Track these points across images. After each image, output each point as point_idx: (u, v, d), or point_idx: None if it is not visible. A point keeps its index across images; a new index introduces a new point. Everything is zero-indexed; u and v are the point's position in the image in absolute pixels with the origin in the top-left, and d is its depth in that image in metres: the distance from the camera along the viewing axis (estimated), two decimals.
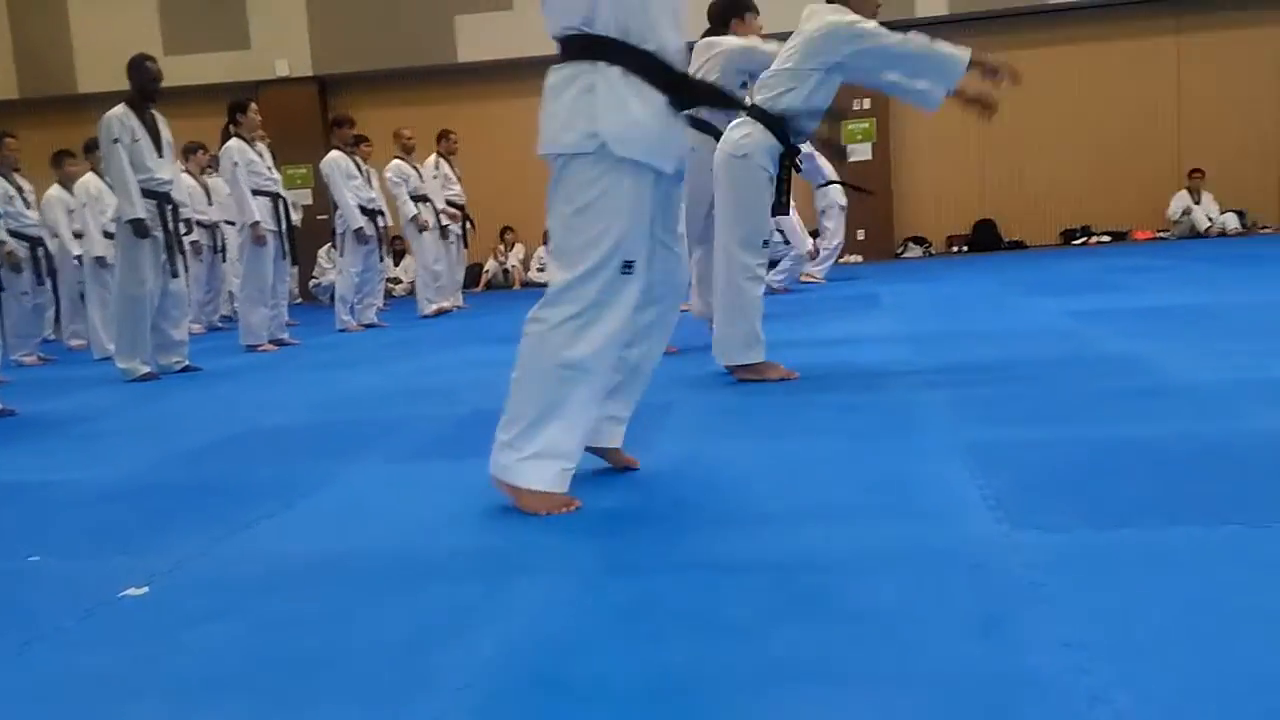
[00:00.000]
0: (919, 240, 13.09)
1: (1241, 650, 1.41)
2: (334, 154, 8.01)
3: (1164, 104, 12.53)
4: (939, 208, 13.27)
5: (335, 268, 9.41)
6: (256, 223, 6.96)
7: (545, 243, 13.17)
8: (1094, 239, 12.44)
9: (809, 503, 2.30)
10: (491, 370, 3.92)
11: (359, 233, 7.90)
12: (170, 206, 5.70)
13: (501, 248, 13.14)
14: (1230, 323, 4.62)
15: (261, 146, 7.27)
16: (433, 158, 9.21)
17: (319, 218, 11.56)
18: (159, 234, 5.60)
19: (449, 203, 9.24)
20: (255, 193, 7.02)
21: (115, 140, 5.47)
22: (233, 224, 7.93)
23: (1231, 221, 11.98)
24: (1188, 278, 7.20)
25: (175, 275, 5.72)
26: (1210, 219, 11.94)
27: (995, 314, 5.83)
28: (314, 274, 12.28)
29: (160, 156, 5.65)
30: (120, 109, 5.57)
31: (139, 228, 5.47)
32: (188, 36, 12.39)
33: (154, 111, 5.69)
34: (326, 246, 11.35)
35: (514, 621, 1.72)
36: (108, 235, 7.45)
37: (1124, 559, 1.79)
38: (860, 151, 12.81)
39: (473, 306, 9.88)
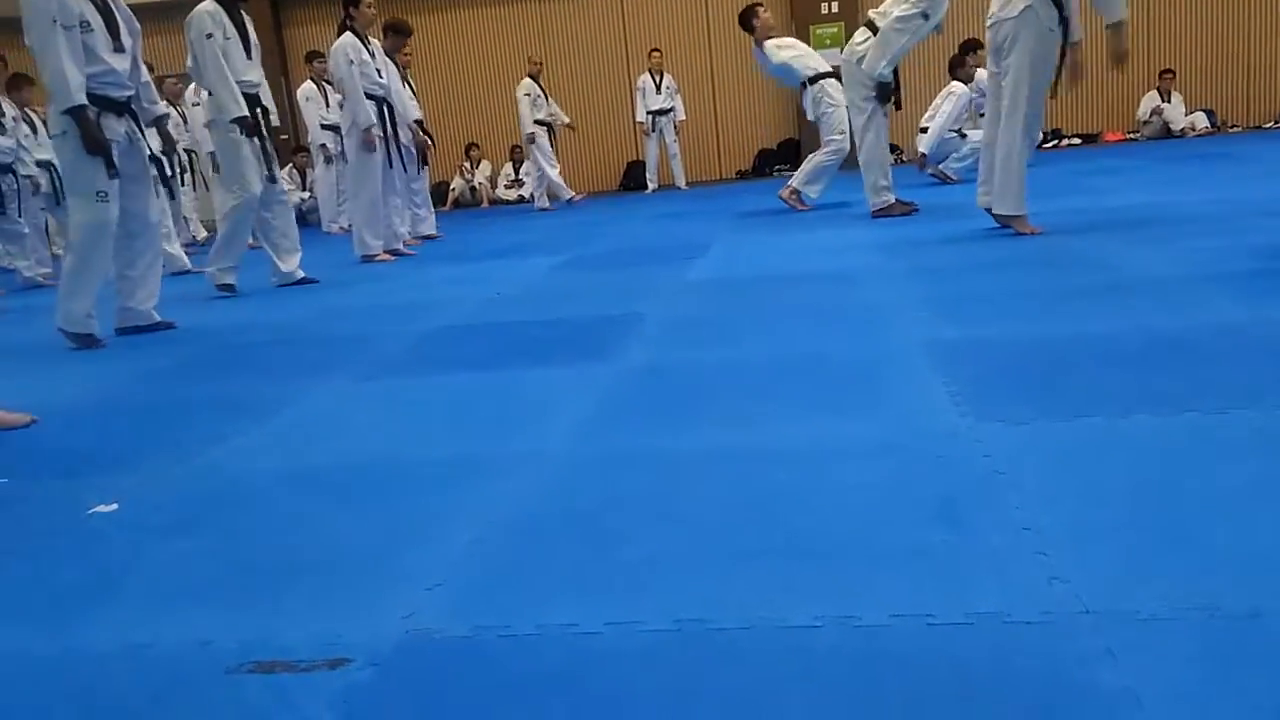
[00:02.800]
0: (892, 147, 12.98)
1: (1193, 530, 1.45)
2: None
3: (1133, 4, 12.39)
4: (910, 113, 13.15)
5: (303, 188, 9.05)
6: (369, 126, 6.47)
7: (512, 158, 13.03)
8: (1065, 142, 12.40)
9: (778, 402, 2.32)
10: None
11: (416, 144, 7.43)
12: (262, 110, 5.29)
13: (467, 165, 12.95)
14: (1194, 220, 4.65)
15: (375, 44, 6.73)
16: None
17: (282, 137, 11.30)
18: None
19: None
20: (367, 95, 6.52)
21: (209, 35, 5.02)
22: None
23: (1201, 121, 11.97)
24: (1156, 178, 7.21)
25: (274, 181, 5.33)
26: (1182, 119, 11.93)
27: (962, 219, 5.83)
28: None
29: (249, 59, 5.23)
30: (210, 4, 5.11)
31: (245, 124, 5.07)
32: None
33: (243, 11, 5.25)
34: (289, 167, 11.12)
35: (482, 521, 1.73)
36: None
37: (1082, 447, 1.82)
38: (830, 58, 12.57)
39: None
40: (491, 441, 2.24)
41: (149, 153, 4.27)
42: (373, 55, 6.69)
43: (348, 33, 6.56)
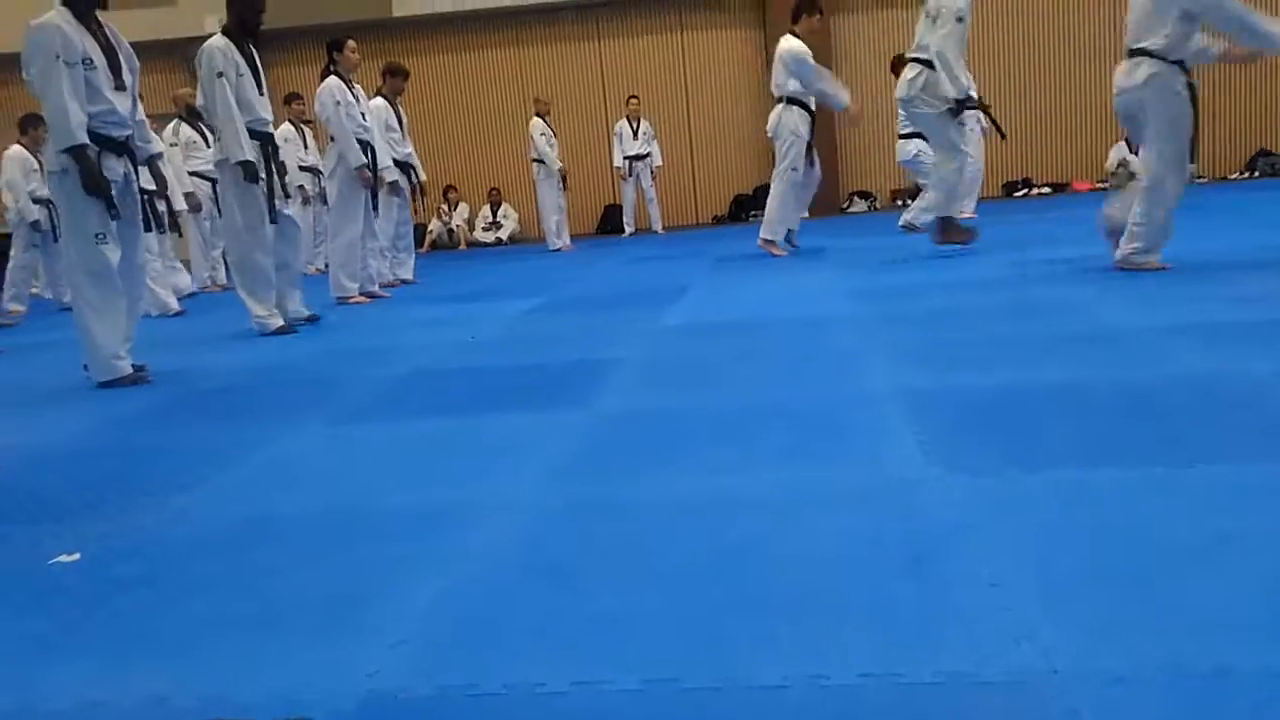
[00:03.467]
0: (863, 194, 13.16)
1: (1160, 586, 1.45)
2: (377, 101, 7.38)
3: (1100, 57, 12.67)
4: (884, 161, 13.33)
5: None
6: (361, 166, 6.48)
7: (489, 200, 13.08)
8: (1035, 190, 12.60)
9: (751, 450, 2.32)
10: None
11: (394, 185, 7.32)
12: (273, 148, 5.24)
13: (445, 207, 12.99)
14: (1162, 271, 4.71)
15: (359, 89, 6.77)
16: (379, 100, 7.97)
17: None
18: (264, 177, 5.11)
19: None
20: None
21: (219, 74, 4.95)
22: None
23: None
24: None
25: (274, 221, 5.19)
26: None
27: (936, 266, 5.89)
28: None
29: (261, 94, 5.17)
30: (221, 40, 5.04)
31: (249, 170, 4.98)
32: None
33: (252, 46, 5.16)
34: None
35: (449, 574, 1.72)
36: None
37: (1048, 500, 1.83)
38: None
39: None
40: (461, 489, 2.23)
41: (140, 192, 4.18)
42: (356, 99, 6.73)
43: (332, 76, 6.60)
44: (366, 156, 6.75)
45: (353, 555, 1.86)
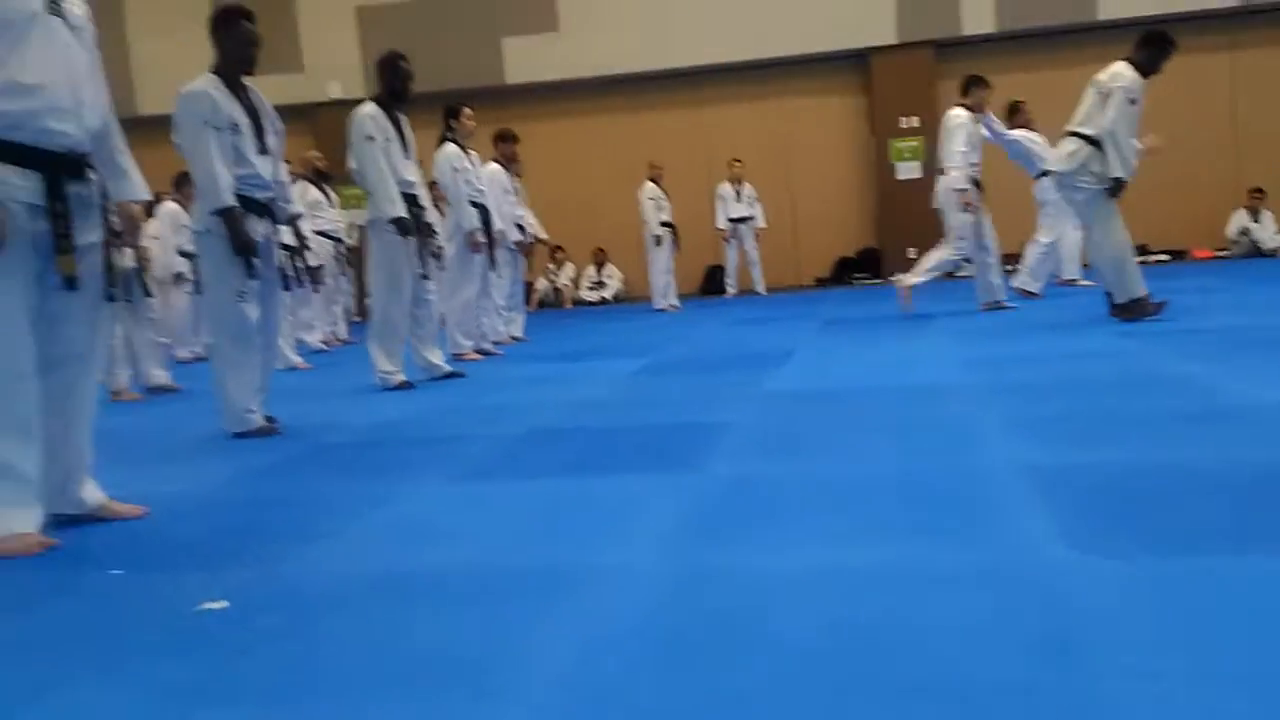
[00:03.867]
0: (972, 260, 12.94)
1: None
2: (492, 166, 7.69)
3: (1219, 121, 12.35)
4: (995, 224, 13.16)
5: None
6: (474, 230, 6.75)
7: (595, 261, 13.32)
8: (1153, 258, 12.25)
9: (870, 521, 2.31)
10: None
11: (519, 244, 7.62)
12: (419, 209, 5.49)
13: (552, 266, 13.27)
14: None
15: (474, 154, 7.05)
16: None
17: None
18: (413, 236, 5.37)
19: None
20: (470, 202, 6.82)
21: (369, 137, 5.25)
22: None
23: None
24: (1248, 299, 7.07)
25: (426, 278, 5.50)
26: (1272, 239, 11.72)
27: (1052, 335, 5.78)
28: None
29: (406, 158, 5.45)
30: (371, 107, 5.35)
31: (403, 225, 5.23)
32: None
33: (399, 113, 5.46)
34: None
35: (572, 640, 1.74)
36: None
37: (1195, 587, 1.77)
38: (909, 169, 12.77)
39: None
40: (580, 552, 2.26)
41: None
42: (472, 164, 6.99)
43: (449, 144, 6.88)
44: (481, 220, 6.98)
45: (479, 615, 1.90)
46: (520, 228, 8.00)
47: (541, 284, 13.20)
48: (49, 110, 2.54)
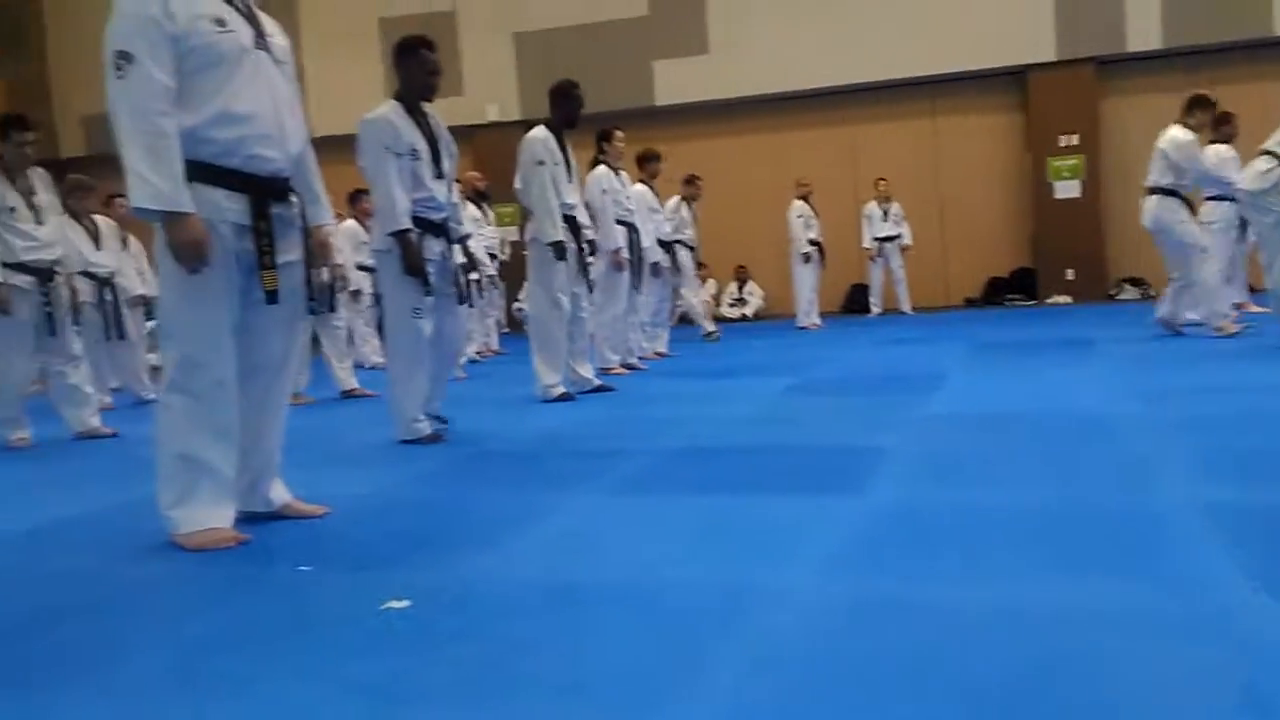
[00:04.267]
0: (1135, 281, 12.38)
1: None
2: (639, 187, 7.89)
3: None
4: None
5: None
6: (619, 249, 6.95)
7: (736, 278, 13.34)
8: None
9: (1044, 556, 2.24)
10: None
11: (655, 265, 7.77)
12: (578, 230, 5.74)
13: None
14: None
15: (625, 175, 7.28)
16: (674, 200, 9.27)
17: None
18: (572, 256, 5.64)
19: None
20: (617, 221, 6.99)
21: (540, 162, 5.47)
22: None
23: None
24: None
25: (579, 295, 5.74)
26: None
27: (1228, 365, 5.46)
28: (518, 298, 12.71)
29: (570, 181, 5.68)
30: (542, 131, 5.54)
31: (559, 250, 5.45)
32: None
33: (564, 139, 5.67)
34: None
35: (742, 661, 1.76)
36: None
37: None
38: (1068, 189, 12.31)
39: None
40: (744, 572, 2.27)
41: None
42: (621, 185, 7.16)
43: (601, 165, 7.08)
44: (632, 238, 7.15)
45: (649, 628, 1.94)
46: (672, 247, 8.12)
47: (703, 294, 13.29)
48: (257, 138, 2.74)
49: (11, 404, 5.19)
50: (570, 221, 5.64)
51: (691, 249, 9.39)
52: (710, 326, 9.46)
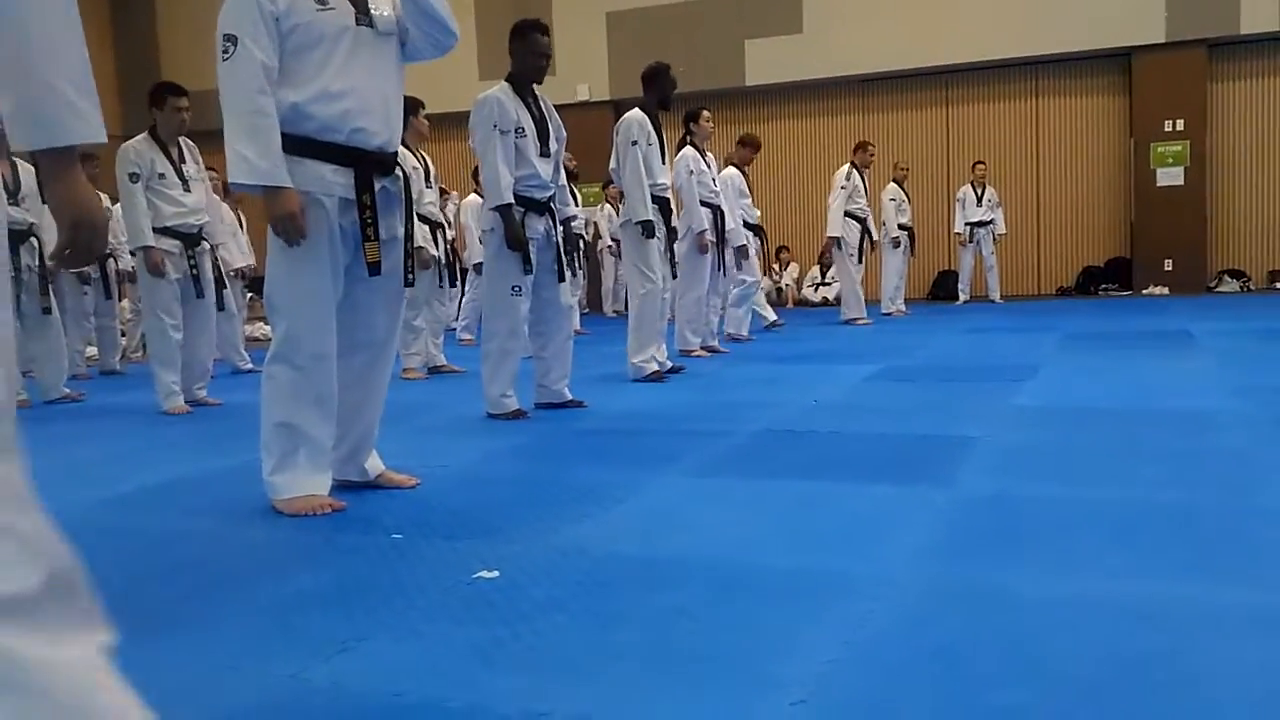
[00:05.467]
0: (1235, 273, 11.95)
1: None
2: (730, 170, 7.95)
3: None
4: (1262, 237, 12.07)
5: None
6: (703, 231, 6.96)
7: (819, 261, 13.20)
8: None
9: (1143, 552, 2.20)
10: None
11: (741, 249, 7.75)
12: (669, 210, 5.83)
13: (776, 267, 13.25)
14: None
15: (711, 157, 7.27)
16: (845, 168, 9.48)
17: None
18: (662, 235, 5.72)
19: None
20: (701, 202, 6.96)
21: (634, 142, 5.55)
22: None
23: None
24: None
25: (674, 276, 5.87)
26: None
27: None
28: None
29: (663, 163, 5.76)
30: (638, 113, 5.64)
31: (648, 228, 5.53)
32: (503, 64, 13.37)
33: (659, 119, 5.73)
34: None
35: (838, 641, 1.76)
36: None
37: None
38: (1171, 175, 11.89)
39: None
40: (835, 557, 2.28)
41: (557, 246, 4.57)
42: (709, 166, 7.11)
43: (688, 147, 7.05)
44: (717, 221, 7.10)
45: (741, 609, 1.96)
46: (761, 230, 8.09)
47: (766, 283, 13.19)
48: (360, 113, 2.81)
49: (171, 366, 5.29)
50: (662, 203, 5.71)
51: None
52: (772, 315, 9.32)
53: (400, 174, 2.98)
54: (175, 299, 5.30)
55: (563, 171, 4.60)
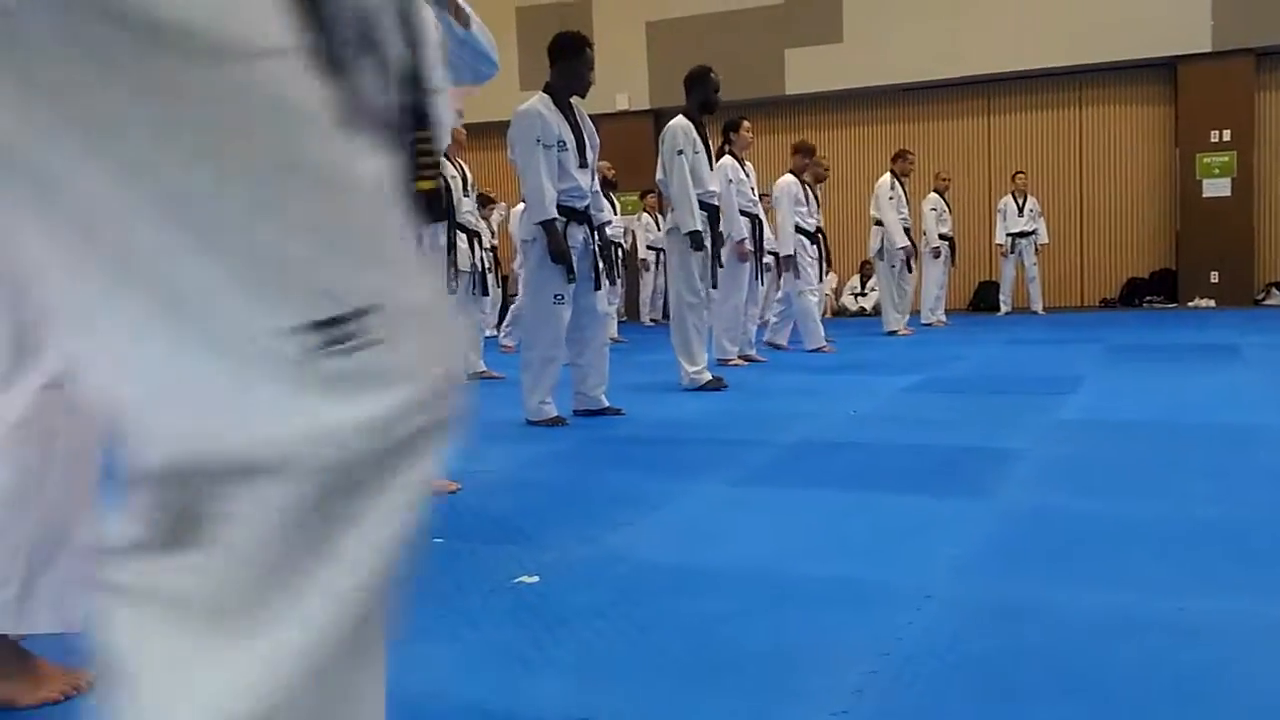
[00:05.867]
0: None
1: None
2: (786, 178, 7.94)
3: None
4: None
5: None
6: (743, 240, 6.95)
7: (860, 271, 13.13)
8: None
9: (1191, 570, 2.17)
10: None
11: (789, 259, 7.75)
12: (716, 219, 5.78)
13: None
14: None
15: (750, 166, 7.28)
16: (886, 177, 9.36)
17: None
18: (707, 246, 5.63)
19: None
20: (740, 212, 6.93)
21: (679, 151, 5.51)
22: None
23: None
24: None
25: (714, 286, 5.78)
26: None
27: None
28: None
29: (710, 170, 5.73)
30: (682, 120, 5.59)
31: (697, 240, 5.48)
32: (543, 72, 13.46)
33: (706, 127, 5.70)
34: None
35: (877, 654, 1.76)
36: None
37: None
38: (1217, 187, 11.71)
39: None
40: (873, 568, 2.27)
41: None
42: (747, 175, 7.12)
43: (727, 155, 7.04)
44: (755, 230, 7.11)
45: (779, 619, 1.96)
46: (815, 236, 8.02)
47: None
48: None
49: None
50: (712, 211, 5.66)
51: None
52: (821, 338, 9.19)
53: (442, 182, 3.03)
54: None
55: (596, 180, 4.64)
